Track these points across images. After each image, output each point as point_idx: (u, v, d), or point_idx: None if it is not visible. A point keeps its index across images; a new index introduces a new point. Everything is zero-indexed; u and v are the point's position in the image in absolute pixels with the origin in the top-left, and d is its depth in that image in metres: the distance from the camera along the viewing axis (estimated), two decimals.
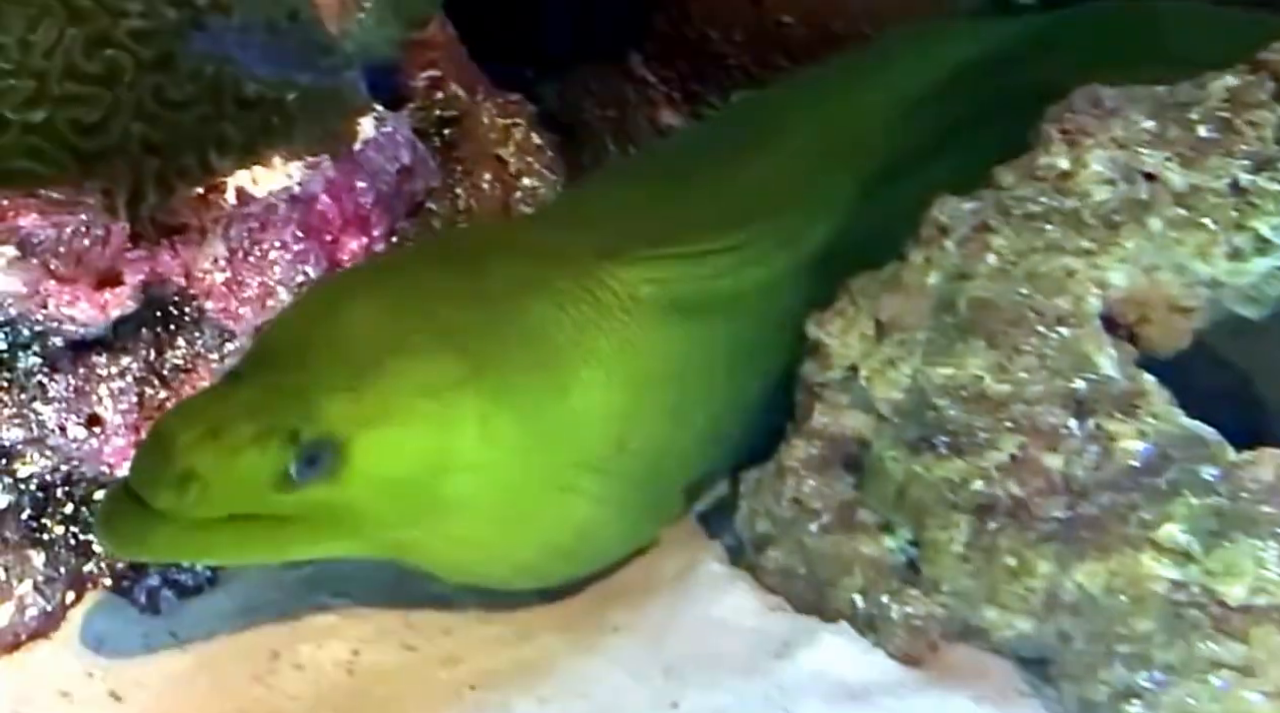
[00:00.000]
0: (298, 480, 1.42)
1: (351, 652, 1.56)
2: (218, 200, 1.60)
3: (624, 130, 2.42)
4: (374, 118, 1.76)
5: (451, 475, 1.47)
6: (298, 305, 1.59)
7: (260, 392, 1.44)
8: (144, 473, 1.43)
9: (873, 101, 1.92)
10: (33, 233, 1.51)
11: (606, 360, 1.57)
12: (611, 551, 1.64)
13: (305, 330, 1.50)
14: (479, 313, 1.52)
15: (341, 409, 1.43)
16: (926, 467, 1.49)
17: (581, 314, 1.57)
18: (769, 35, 2.32)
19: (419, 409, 1.46)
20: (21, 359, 1.54)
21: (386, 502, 1.46)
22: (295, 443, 1.41)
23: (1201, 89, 1.57)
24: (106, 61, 1.55)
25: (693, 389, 1.64)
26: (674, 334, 1.63)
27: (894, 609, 1.49)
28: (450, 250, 1.72)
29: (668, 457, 1.63)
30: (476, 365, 1.49)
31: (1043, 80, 1.73)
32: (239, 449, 1.40)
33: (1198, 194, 1.52)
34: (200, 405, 1.47)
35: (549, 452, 1.53)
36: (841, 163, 1.83)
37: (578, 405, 1.54)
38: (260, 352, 1.51)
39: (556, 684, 1.51)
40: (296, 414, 1.42)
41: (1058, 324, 1.49)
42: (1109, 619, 1.39)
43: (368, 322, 1.49)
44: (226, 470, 1.41)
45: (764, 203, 1.75)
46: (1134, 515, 1.40)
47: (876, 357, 1.56)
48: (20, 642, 1.56)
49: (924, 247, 1.59)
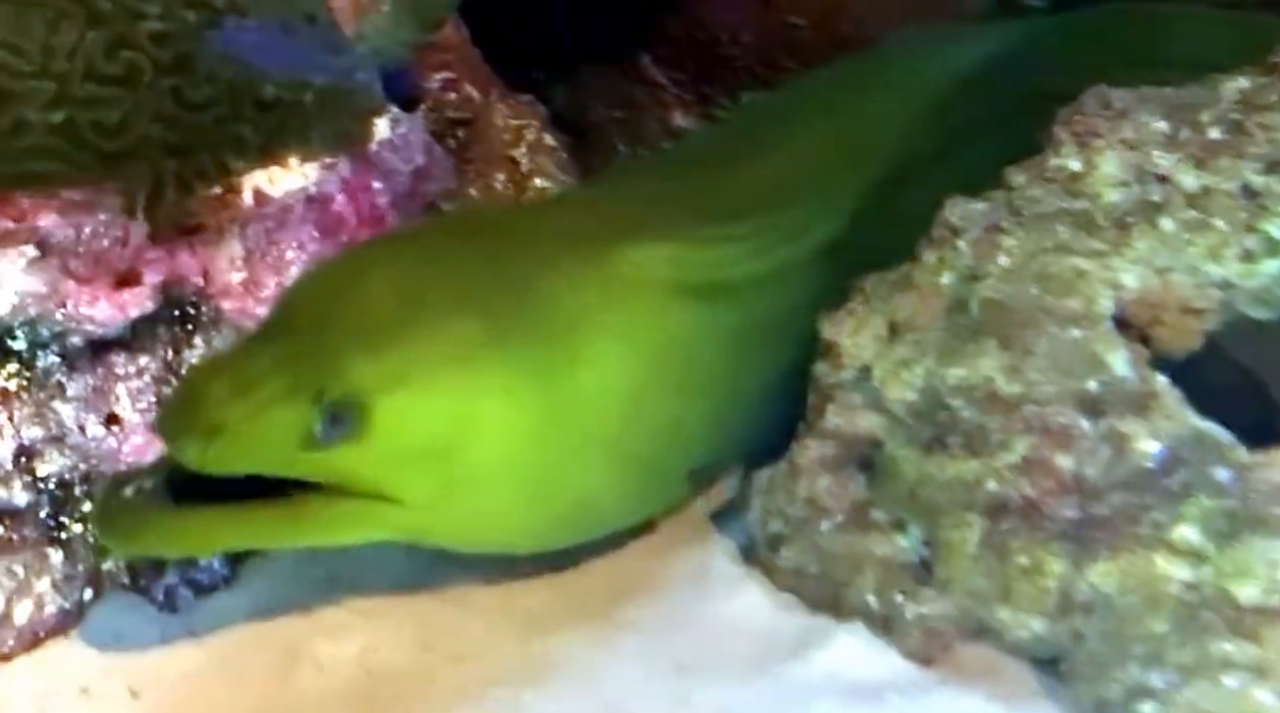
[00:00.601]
0: (321, 441, 1.44)
1: (368, 650, 1.57)
2: (235, 201, 1.61)
3: (635, 132, 2.43)
4: (389, 119, 1.76)
5: (472, 445, 1.49)
6: (317, 272, 1.60)
7: (287, 350, 1.46)
8: (172, 424, 1.45)
9: (882, 102, 1.94)
10: (52, 233, 1.52)
11: (617, 337, 1.59)
12: (613, 521, 1.65)
13: (327, 295, 1.52)
14: (497, 284, 1.55)
15: (366, 370, 1.45)
16: (939, 467, 1.50)
17: (594, 291, 1.59)
18: (779, 37, 2.33)
19: (442, 374, 1.48)
20: (41, 359, 1.54)
21: (407, 470, 1.48)
22: (321, 401, 1.43)
23: (1213, 91, 1.57)
24: (126, 63, 1.55)
25: (697, 372, 1.66)
26: (681, 316, 1.64)
27: (907, 609, 1.50)
28: (467, 224, 1.76)
29: (671, 436, 1.64)
30: (497, 334, 1.51)
31: (1051, 82, 1.74)
32: (267, 404, 1.42)
33: (1209, 196, 1.52)
34: (229, 362, 1.49)
35: (566, 425, 1.55)
36: (851, 162, 1.84)
37: (590, 379, 1.56)
38: (281, 316, 1.53)
39: (570, 681, 1.52)
40: (323, 373, 1.44)
41: (1070, 325, 1.50)
42: (1122, 619, 1.40)
43: (390, 287, 1.51)
44: (254, 424, 1.42)
45: (773, 197, 1.77)
46: (1147, 516, 1.40)
47: (889, 357, 1.57)
48: (40, 639, 1.57)
49: (936, 247, 1.60)
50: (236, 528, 1.48)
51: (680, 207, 1.74)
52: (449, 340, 1.49)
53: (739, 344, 1.70)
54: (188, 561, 1.62)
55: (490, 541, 1.60)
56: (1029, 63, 1.98)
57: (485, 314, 1.52)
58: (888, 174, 1.83)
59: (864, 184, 1.81)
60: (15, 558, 1.55)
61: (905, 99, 1.93)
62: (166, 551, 1.55)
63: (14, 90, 1.52)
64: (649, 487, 1.66)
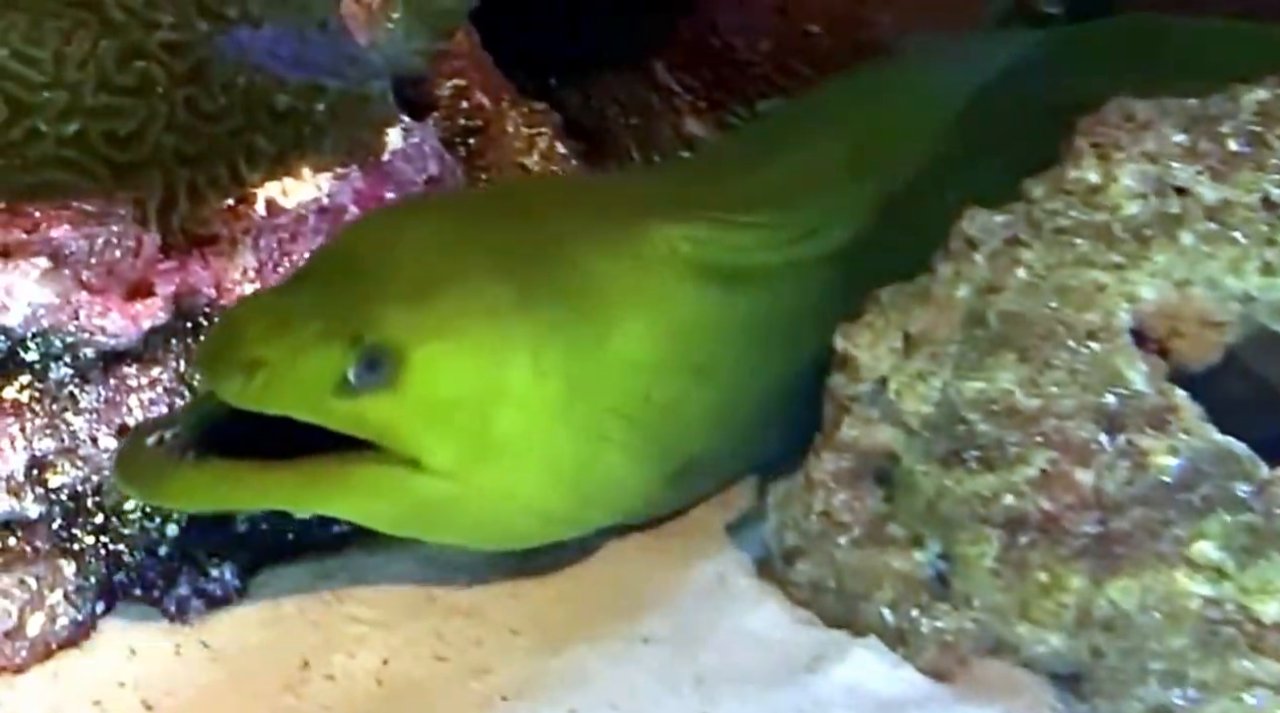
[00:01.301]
0: (355, 386, 1.45)
1: (382, 662, 1.56)
2: (248, 211, 1.61)
3: (648, 139, 2.42)
4: (402, 129, 1.76)
5: (499, 407, 1.51)
6: (355, 228, 1.62)
7: (327, 294, 1.48)
8: (211, 358, 1.46)
9: (903, 110, 1.94)
10: (65, 244, 1.51)
11: (644, 311, 1.61)
12: (630, 507, 1.65)
13: (365, 249, 1.53)
14: (532, 251, 1.57)
15: (404, 318, 1.47)
16: (957, 481, 1.49)
17: (625, 264, 1.62)
18: (795, 45, 2.32)
19: (476, 330, 1.50)
20: (53, 370, 1.54)
21: (435, 426, 1.48)
22: (358, 345, 1.44)
23: (1233, 102, 1.57)
24: (139, 73, 1.55)
25: (716, 354, 1.67)
26: (705, 297, 1.66)
27: (924, 624, 1.49)
28: (504, 193, 1.81)
29: (688, 417, 1.65)
30: (530, 298, 1.53)
31: (1068, 92, 1.73)
32: (306, 344, 1.44)
33: (1229, 208, 1.51)
34: (268, 301, 1.51)
35: (589, 395, 1.56)
36: (870, 167, 1.84)
37: (617, 351, 1.58)
38: (318, 266, 1.55)
39: (587, 695, 1.51)
40: (361, 317, 1.46)
41: (1088, 338, 1.49)
42: (1142, 636, 1.39)
43: (427, 245, 1.54)
44: (292, 363, 1.43)
45: (794, 195, 1.78)
46: (1167, 532, 1.40)
47: (906, 370, 1.56)
48: (52, 651, 1.56)
49: (953, 260, 1.59)
50: (255, 486, 1.48)
51: (712, 191, 1.77)
52: (485, 299, 1.51)
53: (756, 329, 1.71)
54: (201, 572, 1.62)
55: (508, 530, 1.59)
56: (1046, 73, 1.98)
57: (520, 278, 1.53)
58: (907, 181, 1.83)
59: (883, 189, 1.82)
60: (28, 570, 1.55)
61: (926, 107, 1.94)
62: (184, 503, 1.55)
63: (27, 100, 1.52)
64: (666, 469, 1.65)
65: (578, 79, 2.43)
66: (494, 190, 1.90)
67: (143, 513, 1.60)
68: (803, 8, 2.31)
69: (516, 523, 1.58)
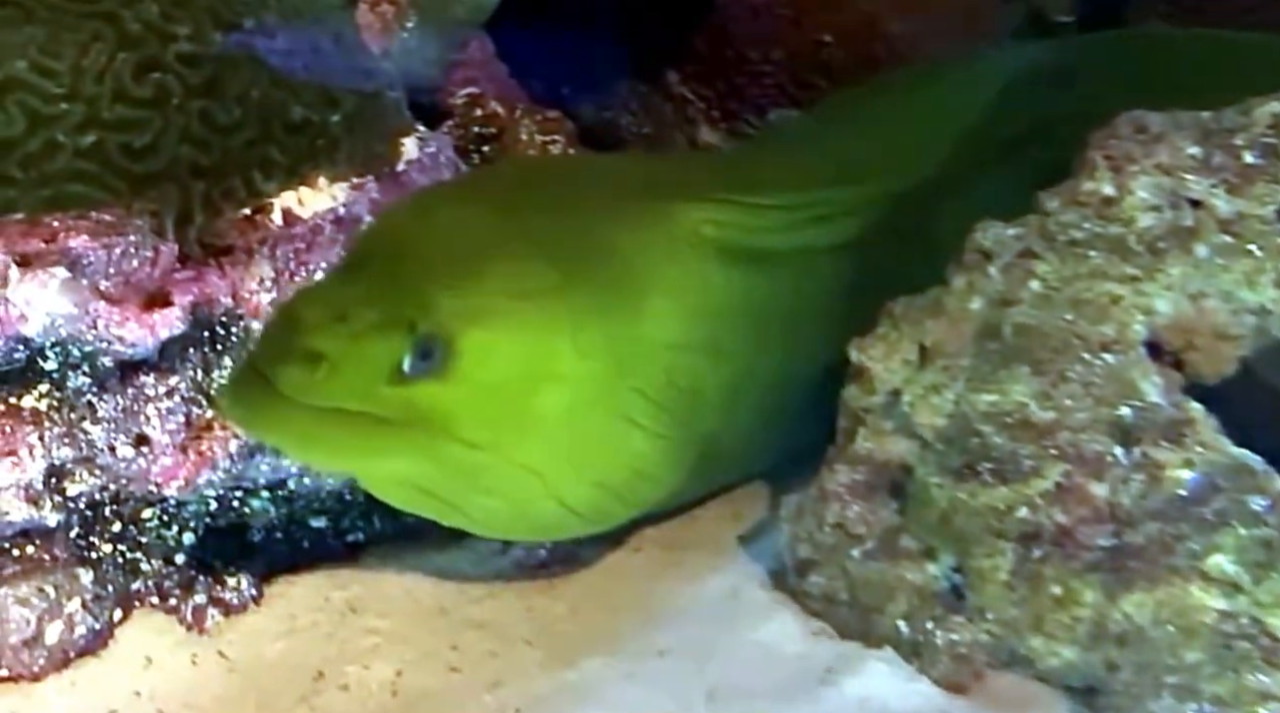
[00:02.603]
0: (409, 375, 1.46)
1: (396, 673, 1.56)
2: (264, 222, 1.61)
3: (662, 148, 2.42)
4: (417, 138, 1.77)
5: (543, 387, 1.52)
6: (397, 212, 1.62)
7: (379, 281, 1.48)
8: (271, 351, 1.47)
9: (920, 118, 1.94)
10: (83, 254, 1.52)
11: (670, 293, 1.62)
12: (653, 496, 1.65)
13: (410, 233, 1.54)
14: (567, 229, 1.58)
15: (454, 304, 1.48)
16: (971, 494, 1.49)
17: (655, 244, 1.63)
18: (808, 55, 2.32)
19: (522, 313, 1.51)
20: (71, 379, 1.54)
21: (482, 408, 1.49)
22: (413, 335, 1.46)
23: (1247, 115, 1.56)
24: (155, 85, 1.56)
25: (734, 337, 1.68)
26: (725, 279, 1.67)
27: (938, 636, 1.49)
28: (534, 172, 1.81)
29: (706, 401, 1.65)
30: (569, 277, 1.54)
31: (1081, 104, 1.73)
32: (364, 334, 1.45)
33: (1243, 221, 1.51)
34: (325, 292, 1.51)
35: (621, 375, 1.57)
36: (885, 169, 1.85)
37: (647, 331, 1.59)
38: (366, 250, 1.55)
39: (600, 708, 1.51)
40: (414, 306, 1.47)
41: (1102, 351, 1.49)
42: (1157, 650, 1.39)
43: (470, 227, 1.54)
44: (351, 354, 1.45)
45: (817, 182, 1.79)
46: (1181, 546, 1.40)
47: (920, 382, 1.56)
48: (69, 660, 1.57)
49: (966, 271, 1.59)
50: (344, 432, 1.48)
51: (737, 176, 1.78)
52: (530, 281, 1.52)
53: (768, 316, 1.71)
54: (217, 581, 1.63)
55: (534, 517, 1.59)
56: (1058, 84, 1.98)
57: (559, 259, 1.54)
58: (919, 186, 1.84)
59: (897, 189, 1.82)
60: (46, 578, 1.56)
61: (943, 116, 1.94)
62: (287, 442, 1.53)
63: (44, 112, 1.53)
64: (687, 456, 1.65)
65: (591, 88, 2.43)
66: (515, 167, 1.91)
67: (160, 522, 1.61)
68: (816, 19, 2.31)
69: (537, 508, 1.58)
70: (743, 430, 1.72)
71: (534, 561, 1.71)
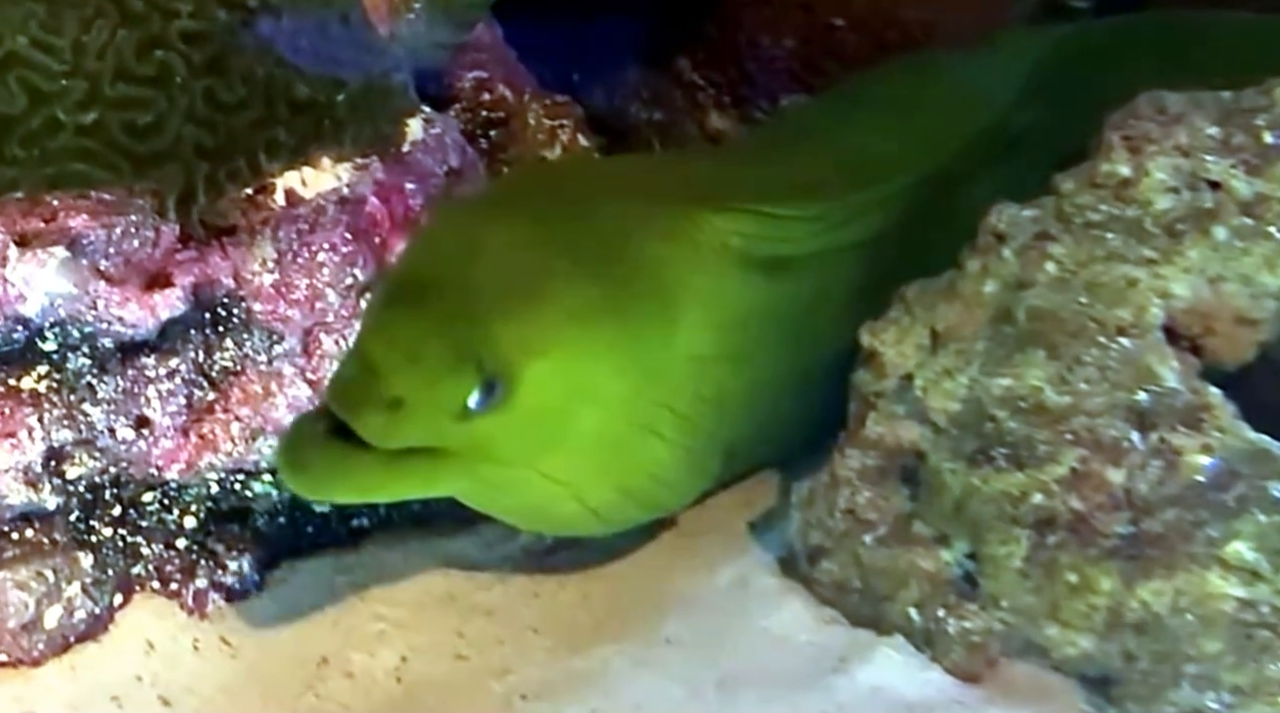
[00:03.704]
0: (474, 411, 1.45)
1: (401, 660, 1.55)
2: (267, 202, 1.59)
3: (672, 134, 2.40)
4: (423, 120, 1.75)
5: (581, 407, 1.51)
6: (439, 231, 1.60)
7: (445, 316, 1.47)
8: (351, 397, 1.45)
9: (938, 105, 1.93)
10: (83, 234, 1.50)
11: (699, 305, 1.61)
12: (673, 502, 1.66)
13: (458, 256, 1.52)
14: (602, 244, 1.57)
15: (515, 336, 1.47)
16: (985, 480, 1.47)
17: (684, 255, 1.62)
18: (820, 41, 2.30)
19: (574, 339, 1.51)
20: (71, 361, 1.53)
21: (525, 432, 1.49)
22: (481, 372, 1.44)
23: (1268, 95, 1.54)
24: (158, 63, 1.54)
25: (753, 342, 1.67)
26: (748, 287, 1.66)
27: (951, 624, 1.47)
28: (559, 179, 1.78)
29: (725, 407, 1.64)
30: (612, 298, 1.53)
31: (1098, 88, 1.71)
32: (440, 376, 1.44)
33: (1264, 203, 1.49)
34: (394, 330, 1.48)
35: (650, 389, 1.57)
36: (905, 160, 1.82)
37: (678, 346, 1.59)
38: (417, 277, 1.52)
39: (608, 696, 1.49)
40: (481, 342, 1.46)
41: (1119, 335, 1.47)
42: (1175, 639, 1.37)
43: (515, 247, 1.52)
44: (429, 397, 1.44)
45: (841, 182, 1.77)
46: (1200, 533, 1.37)
47: (932, 367, 1.54)
48: (69, 644, 1.55)
49: (981, 255, 1.57)
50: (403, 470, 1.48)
51: (757, 179, 1.76)
52: (577, 304, 1.51)
53: (784, 318, 1.70)
54: (219, 565, 1.61)
55: (558, 517, 1.59)
56: (1075, 68, 1.96)
57: (600, 278, 1.54)
58: (938, 175, 1.82)
59: (914, 182, 1.80)
60: (45, 562, 1.54)
61: (960, 102, 1.92)
62: (357, 494, 1.53)
63: (45, 89, 1.50)
64: (704, 460, 1.65)
65: (600, 74, 2.41)
66: (547, 175, 1.89)
67: (161, 505, 1.59)
68: (828, 4, 2.29)
69: (560, 508, 1.58)
70: (760, 429, 1.71)
71: (543, 547, 1.70)
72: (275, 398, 1.60)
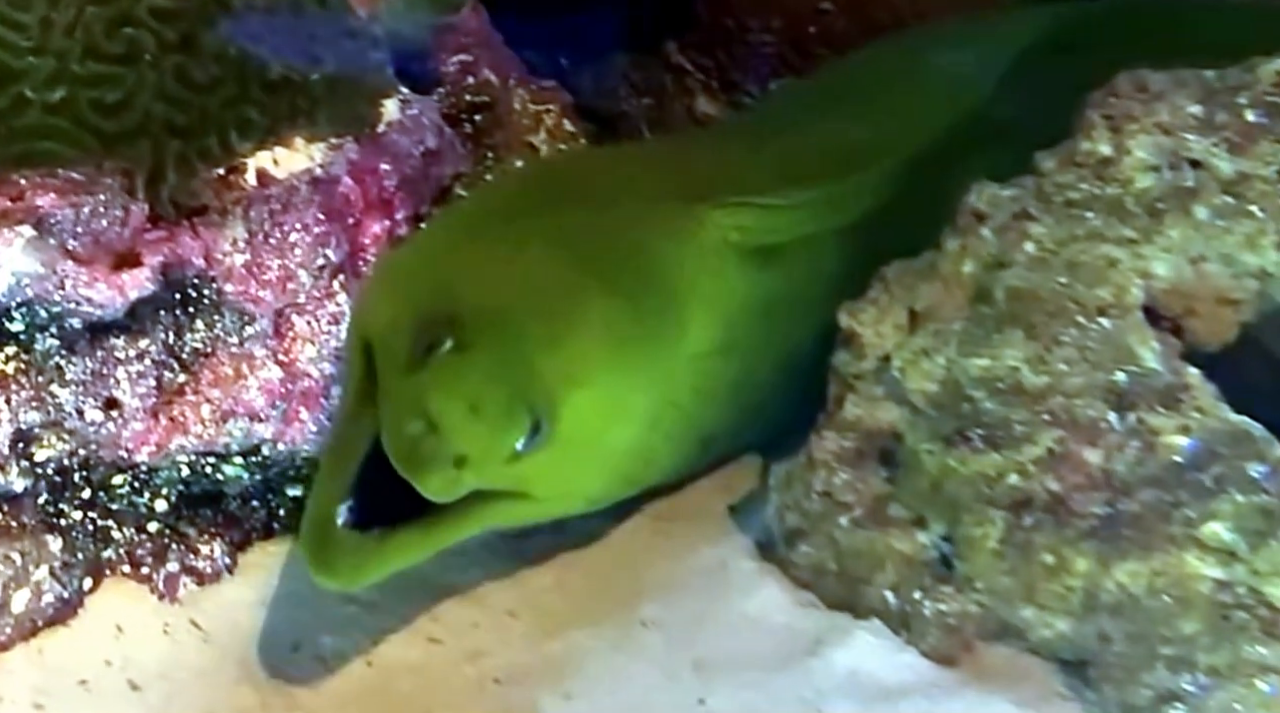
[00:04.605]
0: (521, 452, 1.43)
1: (373, 644, 1.54)
2: (238, 181, 1.57)
3: (660, 119, 2.39)
4: (399, 100, 1.73)
5: (615, 423, 1.51)
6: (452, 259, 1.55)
7: (499, 360, 1.43)
8: (417, 459, 1.40)
9: (922, 87, 1.91)
10: (50, 213, 1.48)
11: (703, 304, 1.60)
12: (656, 478, 1.64)
13: (483, 287, 1.48)
14: (620, 255, 1.55)
15: (558, 369, 1.45)
16: (961, 461, 1.46)
17: (691, 254, 1.61)
18: (809, 23, 2.28)
19: (608, 359, 1.49)
20: (39, 341, 1.51)
21: (568, 461, 1.48)
22: (531, 415, 1.42)
23: (1250, 73, 1.52)
24: (128, 40, 1.52)
25: (745, 330, 1.65)
26: (747, 278, 1.65)
27: (927, 607, 1.46)
28: (558, 179, 1.74)
29: (719, 395, 1.63)
30: (633, 308, 1.52)
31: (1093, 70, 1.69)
32: (501, 425, 1.41)
33: (1246, 182, 1.47)
34: (453, 380, 1.43)
35: (663, 391, 1.56)
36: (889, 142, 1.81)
37: (685, 348, 1.58)
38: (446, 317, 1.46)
39: (583, 680, 1.49)
40: (528, 384, 1.43)
41: (1098, 315, 1.45)
42: (1151, 620, 1.36)
43: (537, 272, 1.50)
44: (491, 449, 1.41)
45: (824, 166, 1.75)
46: (1177, 513, 1.36)
47: (910, 347, 1.53)
48: (37, 629, 1.54)
49: (961, 234, 1.55)
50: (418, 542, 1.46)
51: (751, 168, 1.74)
52: (609, 326, 1.50)
53: (773, 305, 1.69)
54: (190, 549, 1.60)
55: (555, 510, 1.58)
56: (1060, 50, 1.94)
57: (624, 292, 1.52)
58: (926, 157, 1.80)
59: (901, 164, 1.78)
60: (12, 545, 1.52)
61: (945, 84, 1.91)
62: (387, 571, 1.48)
63: (12, 66, 1.49)
64: (690, 449, 1.65)
65: (588, 58, 2.40)
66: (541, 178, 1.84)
67: (131, 488, 1.58)
68: None
69: (560, 503, 1.57)
70: (748, 413, 1.70)
71: (520, 531, 1.67)
72: (246, 380, 1.58)
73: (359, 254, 1.66)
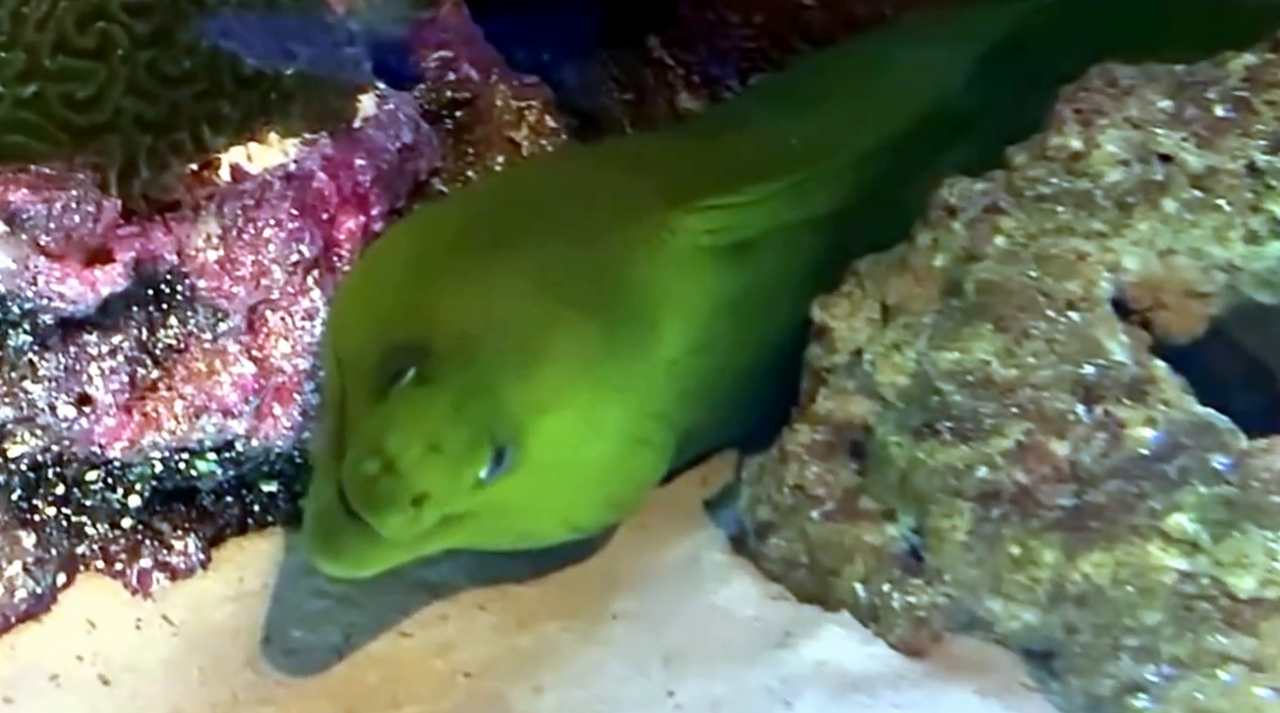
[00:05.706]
0: (486, 481, 1.41)
1: (344, 637, 1.54)
2: (212, 177, 1.57)
3: (642, 114, 2.39)
4: (375, 95, 1.72)
5: (589, 443, 1.49)
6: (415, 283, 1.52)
7: (460, 394, 1.41)
8: (374, 500, 1.38)
9: (893, 82, 1.91)
10: (22, 208, 1.48)
11: (677, 311, 1.59)
12: (642, 498, 1.62)
13: (447, 316, 1.46)
14: (584, 265, 1.54)
15: (525, 398, 1.43)
16: (930, 453, 1.46)
17: (663, 264, 1.59)
18: (789, 18, 2.28)
19: (578, 383, 1.47)
20: (11, 337, 1.50)
21: (538, 483, 1.46)
22: (494, 441, 1.40)
23: (1220, 68, 1.53)
24: (99, 35, 1.52)
25: (723, 330, 1.64)
26: (718, 278, 1.64)
27: (896, 599, 1.46)
28: (529, 194, 1.71)
29: (694, 395, 1.62)
30: (604, 327, 1.50)
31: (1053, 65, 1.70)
32: (460, 461, 1.39)
33: (1214, 176, 1.48)
34: (411, 418, 1.40)
35: (642, 403, 1.54)
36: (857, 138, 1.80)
37: (661, 358, 1.56)
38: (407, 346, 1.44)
39: (553, 673, 1.49)
40: (492, 415, 1.41)
41: (1068, 308, 1.46)
42: (1115, 611, 1.36)
43: (503, 297, 1.48)
44: (450, 485, 1.39)
45: (796, 160, 1.75)
46: (1142, 505, 1.36)
47: (882, 340, 1.53)
48: (9, 624, 1.54)
49: (931, 228, 1.56)
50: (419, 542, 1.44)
51: (716, 166, 1.73)
52: (579, 350, 1.48)
53: (744, 301, 1.68)
54: (164, 544, 1.60)
55: (538, 539, 1.56)
56: (1031, 46, 1.94)
57: (594, 311, 1.50)
58: (896, 150, 1.80)
59: (869, 156, 1.78)
60: None
61: (915, 79, 1.90)
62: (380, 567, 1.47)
63: None
64: (667, 459, 1.63)
65: (569, 53, 2.40)
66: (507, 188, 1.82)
67: (104, 484, 1.58)
68: None
69: (547, 533, 1.56)
70: (724, 409, 1.69)
71: None
72: (219, 376, 1.57)
73: (333, 249, 1.65)
